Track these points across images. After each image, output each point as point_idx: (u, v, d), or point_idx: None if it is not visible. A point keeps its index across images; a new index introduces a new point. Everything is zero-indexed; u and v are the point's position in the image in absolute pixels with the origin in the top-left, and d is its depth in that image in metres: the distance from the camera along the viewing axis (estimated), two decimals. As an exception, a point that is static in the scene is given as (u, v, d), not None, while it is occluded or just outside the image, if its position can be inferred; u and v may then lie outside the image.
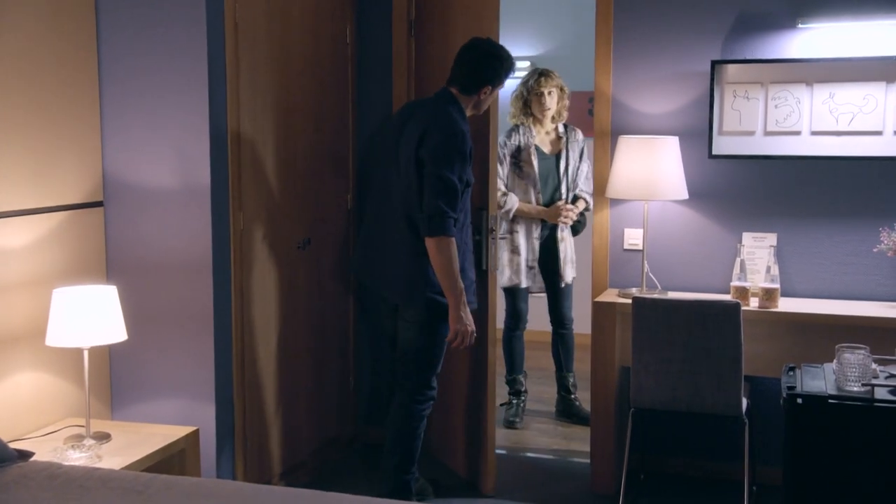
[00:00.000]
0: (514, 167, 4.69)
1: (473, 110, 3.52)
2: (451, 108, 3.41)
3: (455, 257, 3.31)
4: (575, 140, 4.72)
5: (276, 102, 3.71)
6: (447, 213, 3.27)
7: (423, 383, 3.52)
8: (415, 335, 3.47)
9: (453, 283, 3.32)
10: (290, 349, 3.88)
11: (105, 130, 3.39)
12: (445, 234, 3.27)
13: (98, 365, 3.38)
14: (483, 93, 3.46)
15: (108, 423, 3.30)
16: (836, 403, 2.71)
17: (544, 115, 4.65)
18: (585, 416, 4.73)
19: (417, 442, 3.57)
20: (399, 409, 3.55)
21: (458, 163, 3.31)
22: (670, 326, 3.47)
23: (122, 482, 2.27)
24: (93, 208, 3.36)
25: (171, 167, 3.34)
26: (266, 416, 3.74)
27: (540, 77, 4.64)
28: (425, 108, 3.45)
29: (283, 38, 3.74)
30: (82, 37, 3.29)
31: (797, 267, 3.93)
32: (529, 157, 4.65)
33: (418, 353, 3.49)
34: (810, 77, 3.83)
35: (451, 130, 3.33)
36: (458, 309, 3.35)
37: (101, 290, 2.98)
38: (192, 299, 3.36)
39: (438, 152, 3.29)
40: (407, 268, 3.40)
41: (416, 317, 3.45)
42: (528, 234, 4.70)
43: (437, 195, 3.27)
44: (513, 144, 4.70)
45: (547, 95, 4.62)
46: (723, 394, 3.46)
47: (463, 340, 3.39)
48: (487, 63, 3.42)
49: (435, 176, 3.28)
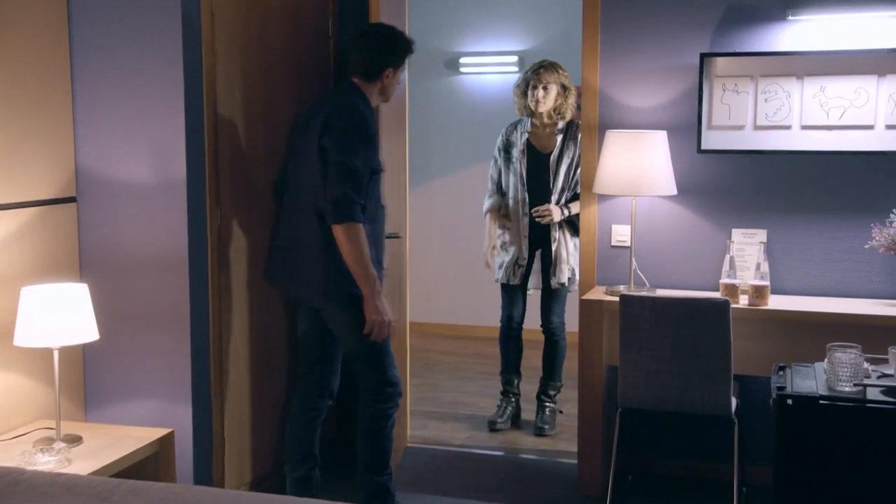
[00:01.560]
0: (505, 162, 4.64)
1: (380, 97, 3.50)
2: (353, 97, 3.38)
3: (365, 244, 3.22)
4: (573, 137, 4.57)
5: (255, 96, 3.63)
6: (352, 199, 3.18)
7: (382, 382, 3.43)
8: (349, 336, 3.39)
9: (365, 272, 3.23)
10: (269, 348, 3.80)
11: (78, 123, 3.30)
12: (352, 221, 3.19)
13: (71, 365, 3.29)
14: (385, 76, 3.43)
15: (80, 424, 3.22)
16: (827, 404, 2.64)
17: (537, 109, 4.53)
18: (540, 428, 4.70)
19: (387, 443, 3.48)
20: (363, 409, 3.47)
21: (361, 148, 3.25)
22: (658, 324, 3.42)
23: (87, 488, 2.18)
24: (65, 204, 3.28)
25: (145, 162, 3.26)
26: (245, 418, 3.65)
27: (538, 70, 4.53)
28: (328, 100, 3.42)
29: (262, 30, 3.66)
30: (53, 26, 3.20)
31: (787, 264, 3.88)
32: (518, 153, 4.58)
33: (361, 354, 3.41)
34: (801, 70, 3.78)
35: (353, 117, 3.28)
36: (373, 299, 3.26)
37: (72, 289, 2.89)
38: (169, 297, 3.28)
39: (341, 138, 3.24)
40: (322, 264, 3.32)
41: (341, 316, 3.37)
42: (518, 230, 4.62)
43: (341, 181, 3.19)
44: (504, 139, 4.65)
45: (541, 90, 4.50)
46: (712, 393, 3.41)
47: (381, 331, 3.30)
48: (381, 45, 3.41)
49: (338, 162, 3.21)
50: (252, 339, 3.69)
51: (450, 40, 6.88)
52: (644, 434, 4.07)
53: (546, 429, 4.69)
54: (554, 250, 4.58)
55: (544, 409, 4.77)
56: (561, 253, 4.60)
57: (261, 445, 3.77)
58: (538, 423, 4.73)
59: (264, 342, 3.77)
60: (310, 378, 3.59)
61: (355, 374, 3.51)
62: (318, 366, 3.57)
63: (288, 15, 3.84)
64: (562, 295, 4.70)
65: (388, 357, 3.44)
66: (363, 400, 3.47)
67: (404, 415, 4.55)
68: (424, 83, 6.82)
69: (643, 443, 4.10)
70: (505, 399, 4.87)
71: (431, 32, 6.84)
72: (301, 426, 3.59)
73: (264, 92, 3.70)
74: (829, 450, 2.66)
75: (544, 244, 4.63)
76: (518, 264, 4.62)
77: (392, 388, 3.46)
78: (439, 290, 6.99)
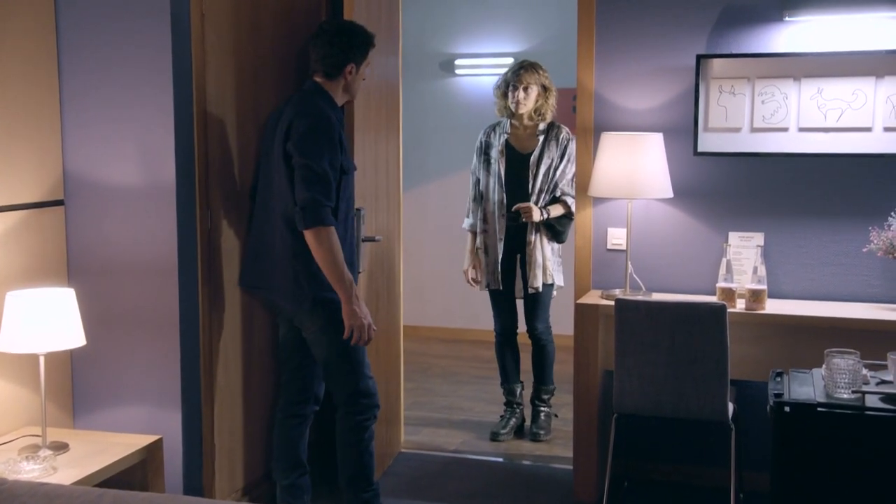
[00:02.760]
0: (484, 164, 4.56)
1: (346, 95, 3.42)
2: (316, 97, 3.30)
3: (337, 247, 3.14)
4: (554, 139, 4.46)
5: (246, 96, 3.58)
6: (321, 202, 3.12)
7: (356, 392, 3.35)
8: (321, 344, 3.32)
9: (340, 275, 3.15)
10: (260, 352, 3.75)
11: (65, 125, 3.26)
12: (323, 224, 3.12)
13: (59, 371, 3.25)
14: (348, 72, 3.35)
15: (68, 431, 3.17)
16: (825, 412, 2.60)
17: (517, 110, 4.45)
18: (535, 433, 4.65)
19: (366, 457, 3.40)
20: (339, 422, 3.40)
21: (326, 150, 3.17)
22: (654, 329, 3.38)
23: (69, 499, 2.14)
24: (53, 207, 3.23)
25: (134, 164, 3.22)
26: (236, 423, 3.61)
27: (519, 70, 4.44)
28: (290, 103, 3.33)
29: (253, 30, 3.61)
30: (40, 28, 3.16)
31: (785, 267, 3.84)
32: (497, 153, 4.50)
33: (334, 363, 3.34)
34: (798, 72, 3.75)
35: (316, 118, 3.20)
36: (350, 303, 3.17)
37: (58, 294, 2.85)
38: (158, 301, 3.24)
39: (304, 141, 3.16)
40: (291, 270, 3.25)
41: (311, 323, 3.30)
42: (495, 232, 4.52)
43: (308, 185, 3.12)
44: (483, 140, 4.58)
45: (522, 90, 4.41)
46: (708, 399, 3.37)
47: (361, 336, 3.23)
48: (340, 41, 3.32)
49: (303, 166, 3.14)
50: (243, 343, 3.64)
51: (445, 42, 6.85)
52: (640, 439, 4.03)
53: (541, 434, 4.64)
54: (528, 253, 4.47)
55: (539, 414, 4.72)
56: (535, 257, 4.45)
57: (252, 451, 3.72)
58: (533, 429, 4.68)
59: (255, 346, 3.72)
60: (292, 384, 3.53)
61: (330, 385, 3.44)
62: (299, 371, 3.51)
63: (280, 14, 3.79)
64: (542, 300, 4.56)
65: (360, 366, 3.35)
66: (339, 412, 3.40)
67: (398, 420, 4.51)
68: (419, 85, 6.78)
69: (639, 448, 4.06)
70: (509, 409, 4.78)
71: (427, 34, 6.81)
72: (286, 433, 3.53)
73: (255, 92, 3.65)
74: (827, 458, 2.62)
75: (523, 249, 4.53)
76: (497, 268, 4.52)
77: (367, 399, 3.37)
78: (434, 293, 6.95)
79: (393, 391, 4.38)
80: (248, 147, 3.61)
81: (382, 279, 4.14)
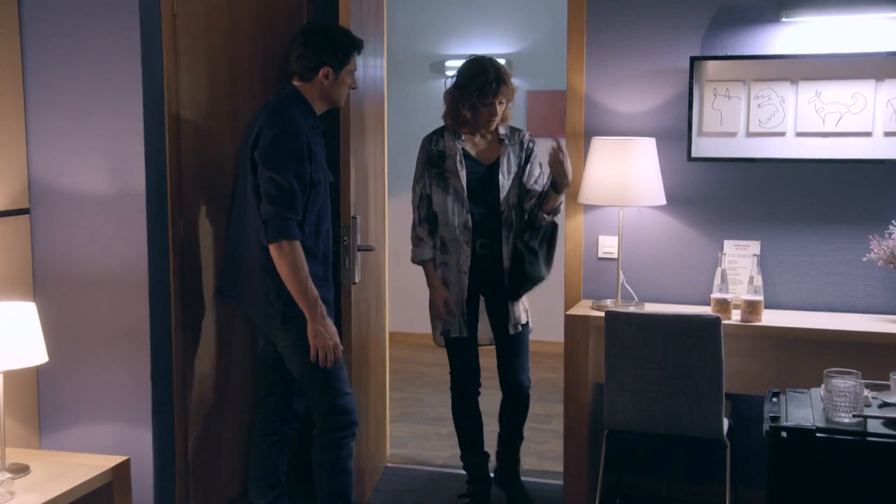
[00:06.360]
0: (437, 179, 3.71)
1: (325, 101, 3.28)
2: (290, 103, 3.18)
3: (301, 262, 3.04)
4: (516, 143, 3.73)
5: (222, 99, 3.45)
6: (284, 216, 3.02)
7: (331, 409, 3.24)
8: (294, 359, 3.21)
9: (303, 291, 3.05)
10: (238, 368, 3.62)
11: (30, 130, 3.13)
12: (287, 238, 3.02)
13: (24, 388, 3.11)
14: (323, 76, 3.21)
15: (32, 452, 3.03)
16: (824, 437, 2.46)
17: (489, 127, 3.71)
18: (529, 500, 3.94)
19: (344, 476, 3.29)
20: (316, 439, 3.29)
21: (292, 162, 3.06)
22: (646, 343, 3.26)
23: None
24: (17, 216, 3.10)
25: (103, 171, 3.09)
26: (211, 440, 3.47)
27: (497, 84, 3.61)
28: (267, 107, 3.22)
29: (230, 29, 3.48)
30: (4, 30, 3.03)
31: (782, 277, 3.74)
32: (455, 165, 3.67)
33: (307, 380, 3.23)
34: (795, 74, 3.65)
35: (281, 128, 3.08)
36: (315, 321, 3.08)
37: (18, 308, 2.70)
38: (128, 315, 3.11)
39: (268, 152, 3.06)
40: (261, 284, 3.16)
41: (285, 337, 3.20)
42: (458, 264, 3.70)
43: (271, 199, 3.04)
44: (434, 150, 3.74)
45: (498, 105, 3.66)
46: (702, 414, 3.25)
47: (327, 356, 3.11)
48: (315, 42, 3.20)
49: (267, 178, 3.05)
50: (219, 357, 3.50)
51: (435, 43, 6.75)
52: (632, 455, 3.93)
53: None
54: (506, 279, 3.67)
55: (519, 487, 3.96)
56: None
57: (229, 469, 3.58)
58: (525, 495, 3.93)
59: (233, 360, 3.58)
60: (270, 400, 3.42)
61: (307, 400, 3.33)
62: (277, 386, 3.39)
63: (258, 14, 3.66)
64: (524, 343, 3.79)
65: (336, 381, 3.24)
66: (315, 430, 3.29)
67: (384, 433, 4.38)
68: (409, 87, 6.69)
69: (632, 464, 3.95)
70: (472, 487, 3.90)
71: (416, 35, 6.71)
72: (264, 452, 3.41)
73: (234, 96, 3.52)
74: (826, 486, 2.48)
75: (487, 275, 3.71)
76: (463, 309, 3.70)
77: (344, 417, 3.26)
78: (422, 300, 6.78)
79: (380, 403, 4.26)
80: (226, 153, 3.48)
81: (370, 286, 4.02)
